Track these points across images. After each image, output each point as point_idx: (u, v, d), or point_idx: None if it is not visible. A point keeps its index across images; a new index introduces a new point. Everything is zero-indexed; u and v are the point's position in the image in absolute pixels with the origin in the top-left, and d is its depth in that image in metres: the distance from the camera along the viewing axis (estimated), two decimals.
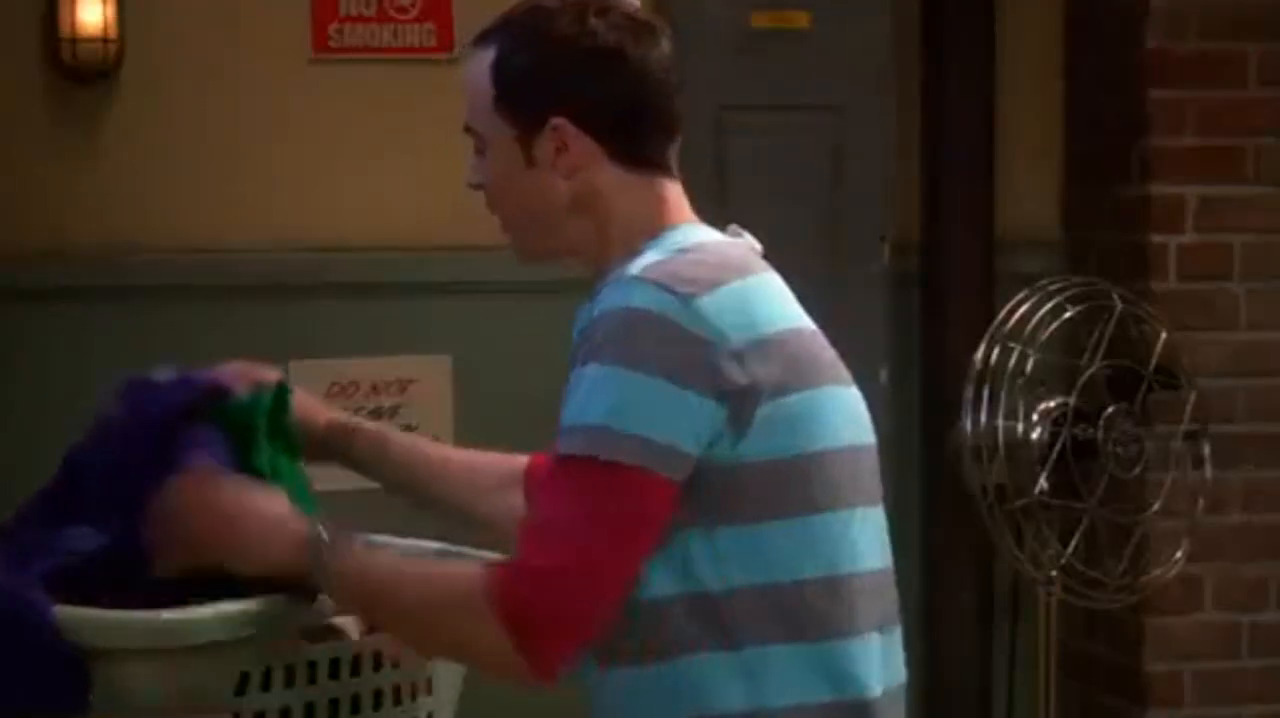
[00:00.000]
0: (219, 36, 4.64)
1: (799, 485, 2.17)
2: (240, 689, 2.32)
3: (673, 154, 2.30)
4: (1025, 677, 4.60)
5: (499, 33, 2.26)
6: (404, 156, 4.71)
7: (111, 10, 4.51)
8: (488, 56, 2.25)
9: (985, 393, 4.21)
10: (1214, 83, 4.80)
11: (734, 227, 2.34)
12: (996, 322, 4.26)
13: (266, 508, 2.23)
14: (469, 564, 2.20)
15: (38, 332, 4.55)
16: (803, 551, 2.17)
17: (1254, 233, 4.84)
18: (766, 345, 2.15)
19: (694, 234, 2.26)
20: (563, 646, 2.11)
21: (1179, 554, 4.43)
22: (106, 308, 4.57)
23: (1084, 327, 4.31)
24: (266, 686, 2.34)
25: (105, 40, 4.52)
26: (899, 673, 2.28)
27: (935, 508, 4.90)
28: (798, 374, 2.17)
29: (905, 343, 4.93)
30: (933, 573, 4.93)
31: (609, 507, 2.09)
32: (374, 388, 4.69)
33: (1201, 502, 4.45)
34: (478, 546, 2.52)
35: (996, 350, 4.22)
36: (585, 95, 2.22)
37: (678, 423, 2.09)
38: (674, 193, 2.30)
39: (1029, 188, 5.06)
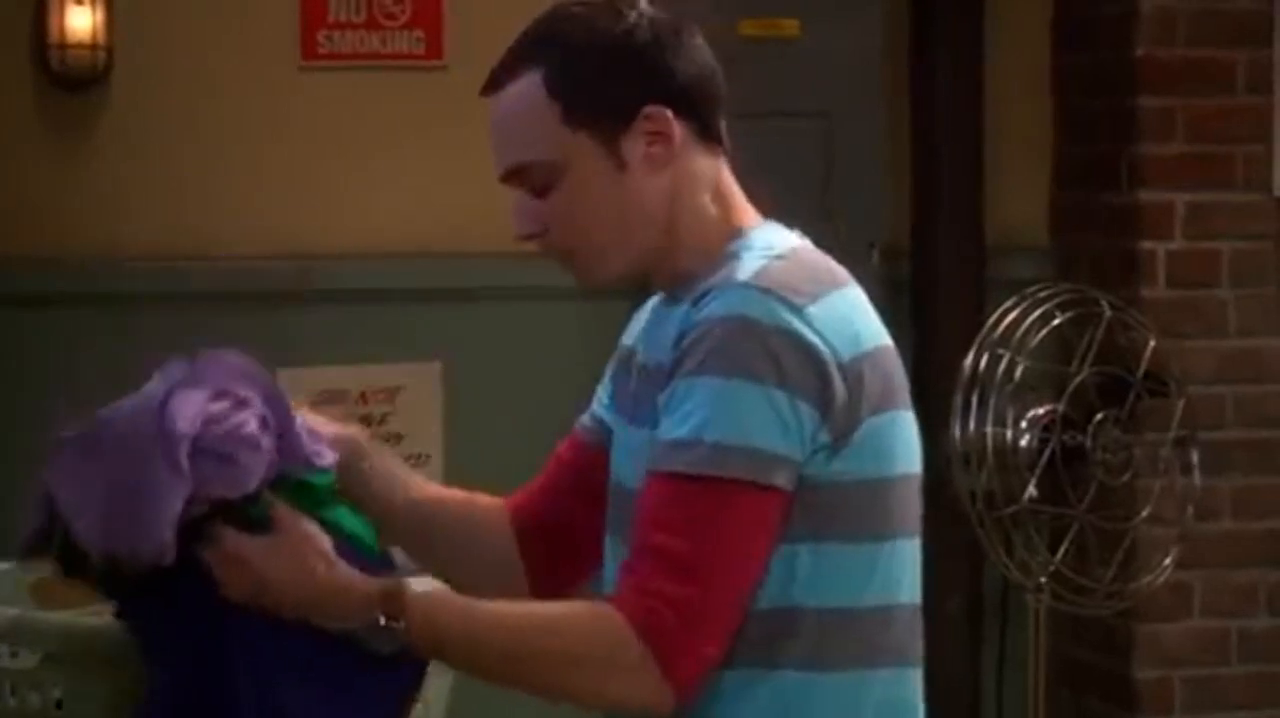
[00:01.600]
0: (208, 43, 4.64)
1: (880, 509, 2.14)
2: None
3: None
4: (1015, 683, 4.61)
5: (533, 54, 2.18)
6: (393, 163, 4.71)
7: (101, 17, 4.51)
8: (531, 81, 2.16)
9: (974, 399, 4.22)
10: (1203, 89, 4.80)
11: (797, 231, 2.28)
12: (986, 328, 4.27)
13: (346, 582, 2.13)
14: (581, 604, 2.12)
15: (26, 338, 4.54)
16: (871, 576, 2.15)
17: (1243, 239, 4.84)
18: (866, 360, 2.11)
19: (778, 236, 2.19)
20: (704, 667, 2.07)
21: (1168, 561, 4.44)
22: (95, 314, 4.57)
23: (1073, 333, 4.31)
24: None
25: (94, 47, 4.52)
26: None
27: (924, 514, 4.89)
28: (887, 394, 2.14)
29: (895, 348, 4.92)
30: (922, 579, 4.93)
31: (733, 525, 2.04)
32: (363, 395, 4.69)
33: (1190, 508, 4.46)
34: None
35: (986, 357, 4.23)
36: (663, 77, 2.16)
37: (791, 434, 2.05)
38: (734, 182, 2.24)
39: (1018, 194, 5.07)
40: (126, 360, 4.80)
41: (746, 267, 2.12)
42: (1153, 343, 4.37)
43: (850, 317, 2.12)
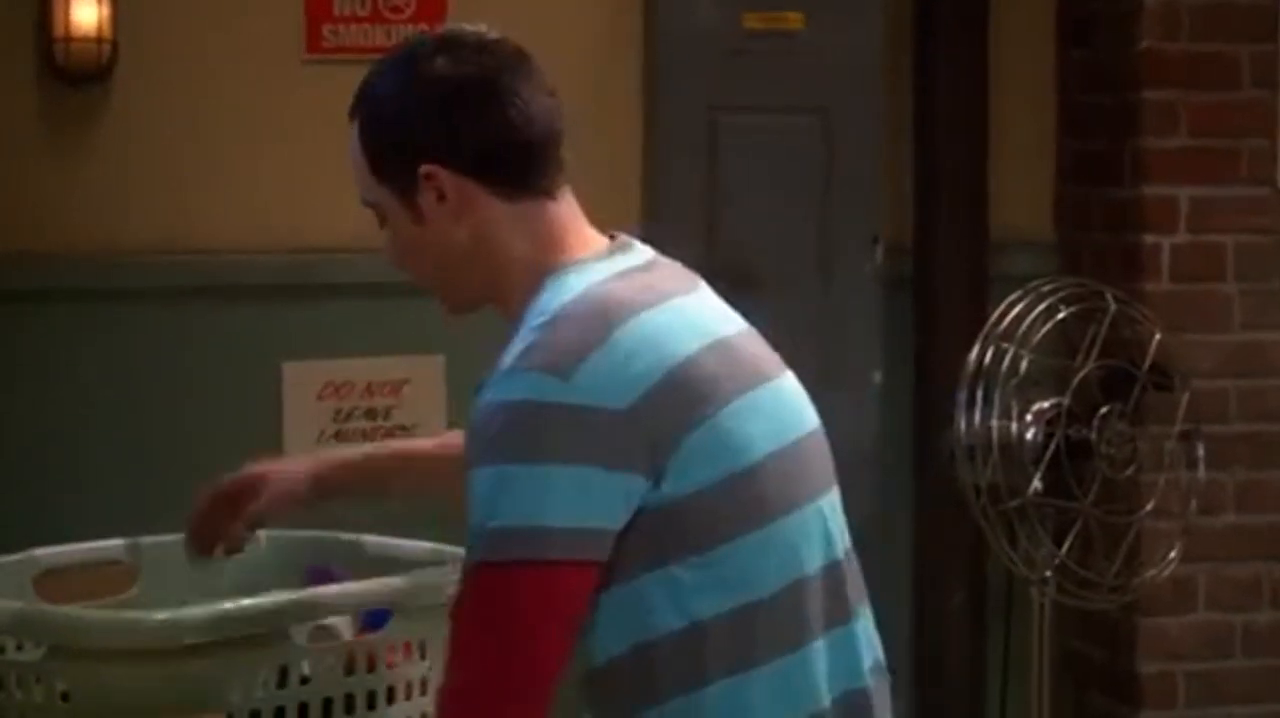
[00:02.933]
0: (212, 36, 4.64)
1: (752, 498, 2.12)
2: (235, 689, 2.32)
3: (556, 172, 2.24)
4: (1018, 677, 4.60)
5: (358, 102, 2.28)
6: None
7: (106, 11, 4.51)
8: (354, 129, 2.28)
9: (979, 394, 4.21)
10: (1207, 84, 4.80)
11: (622, 237, 2.28)
12: (990, 323, 4.27)
13: None
14: None
15: (30, 333, 4.54)
16: (762, 565, 2.13)
17: (1247, 234, 4.84)
18: (659, 390, 2.09)
19: (578, 281, 2.18)
20: None
21: (1172, 555, 4.44)
22: (100, 309, 4.57)
23: (1077, 327, 4.31)
24: (261, 686, 2.34)
25: (99, 41, 4.52)
26: (855, 675, 2.22)
27: (928, 509, 4.90)
28: (706, 398, 2.11)
29: (898, 344, 4.93)
30: (926, 574, 4.93)
31: (513, 609, 2.05)
32: (368, 388, 4.69)
33: (1194, 502, 4.46)
34: None
35: (990, 351, 4.22)
36: (444, 137, 2.20)
37: (581, 503, 2.05)
38: (562, 218, 2.24)
39: (1022, 189, 5.06)
40: (130, 356, 4.83)
41: (515, 347, 2.14)
42: (1157, 337, 4.37)
43: (632, 354, 2.10)
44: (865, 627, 2.25)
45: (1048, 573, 4.29)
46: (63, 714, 2.31)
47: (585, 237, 2.25)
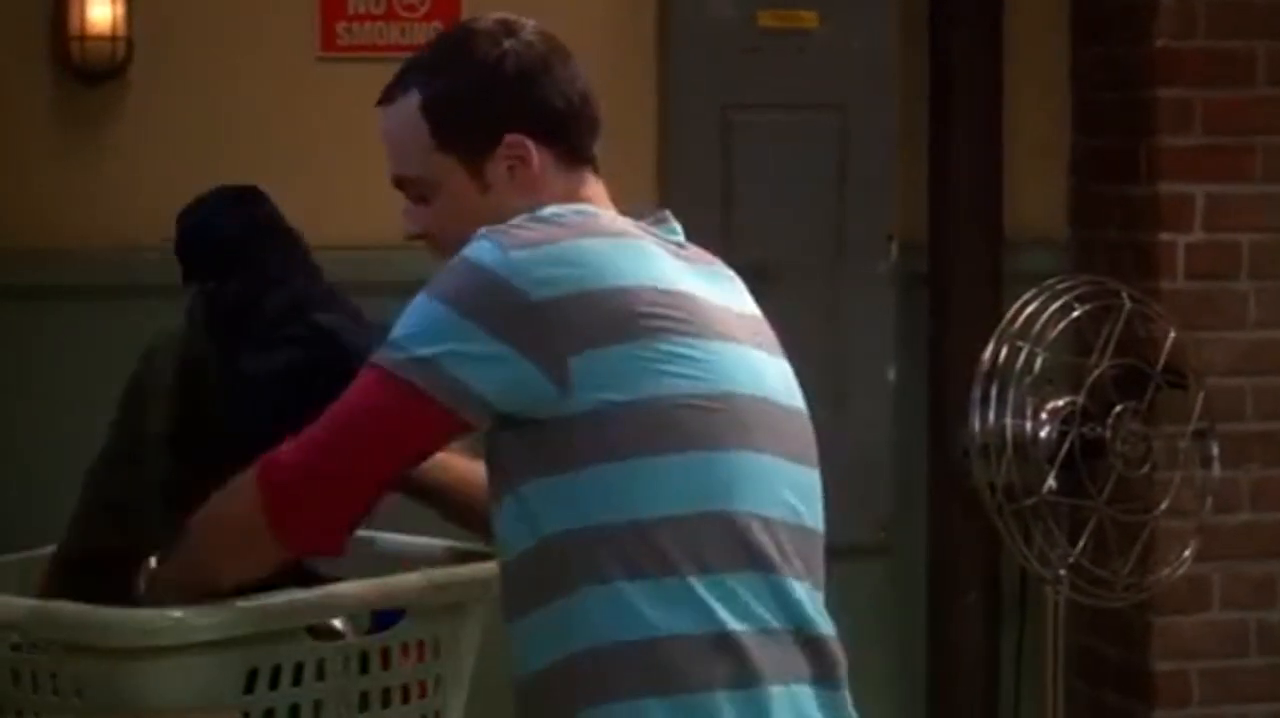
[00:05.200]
0: (227, 34, 4.64)
1: (647, 425, 2.20)
2: (248, 687, 2.33)
3: (597, 150, 2.40)
4: (1033, 676, 4.60)
5: (412, 77, 2.37)
6: None
7: (121, 9, 4.51)
8: (409, 102, 2.36)
9: (993, 392, 4.21)
10: (1222, 82, 4.79)
11: (665, 212, 2.43)
12: (1005, 321, 4.27)
13: None
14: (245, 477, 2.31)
15: (44, 329, 4.55)
16: (667, 487, 2.21)
17: (1262, 232, 4.83)
18: (582, 301, 2.20)
19: (575, 207, 2.32)
20: (307, 524, 2.25)
21: (1187, 553, 4.43)
22: (114, 306, 4.57)
23: (1092, 326, 4.31)
24: (274, 684, 2.35)
25: (114, 39, 4.52)
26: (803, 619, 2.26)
27: (942, 507, 4.90)
28: (622, 327, 2.21)
29: (912, 342, 4.93)
30: (940, 572, 4.93)
31: (372, 412, 2.23)
32: None
33: (1209, 501, 4.45)
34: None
35: (1005, 349, 4.22)
36: (528, 106, 2.33)
37: (468, 360, 2.20)
38: (600, 193, 2.39)
39: (1036, 187, 5.06)
40: None
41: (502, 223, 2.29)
42: (1172, 335, 4.36)
43: (575, 260, 2.23)
44: (814, 594, 2.28)
45: (1062, 571, 4.29)
46: (76, 712, 2.31)
47: (603, 201, 2.39)
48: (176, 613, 2.28)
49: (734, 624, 2.19)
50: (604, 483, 2.20)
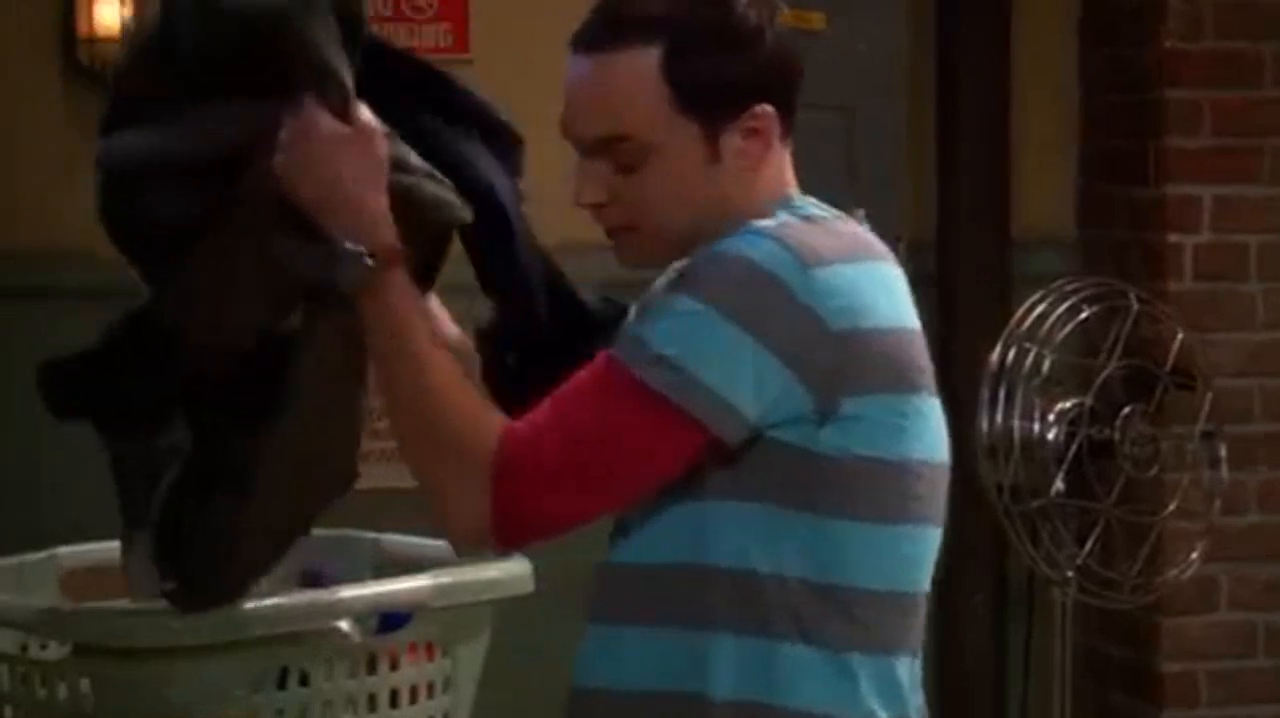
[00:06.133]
0: None
1: (894, 492, 2.12)
2: (257, 688, 2.33)
3: None
4: (1040, 677, 4.60)
5: (649, 29, 2.11)
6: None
7: (129, 10, 4.52)
8: (646, 57, 2.10)
9: (1001, 393, 4.22)
10: (1230, 82, 4.79)
11: (860, 211, 2.31)
12: (1012, 322, 4.27)
13: (376, 204, 2.13)
14: (495, 414, 2.10)
15: (54, 332, 4.55)
16: (881, 559, 2.12)
17: (1270, 233, 4.83)
18: (870, 336, 2.08)
19: (819, 208, 2.20)
20: (535, 519, 2.06)
21: (1194, 554, 4.43)
22: (121, 307, 4.57)
23: (1100, 327, 4.31)
24: (283, 685, 2.35)
25: (123, 41, 4.53)
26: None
27: (950, 508, 4.89)
28: (899, 376, 2.11)
29: None
30: (947, 573, 4.89)
31: (637, 431, 2.04)
32: None
33: (1217, 502, 4.45)
34: None
35: (1012, 351, 4.23)
36: (771, 72, 2.15)
37: (748, 384, 2.03)
38: (789, 161, 2.23)
39: (1044, 188, 5.06)
40: None
41: (773, 219, 2.11)
42: (1180, 336, 4.36)
43: (866, 290, 2.10)
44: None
45: (1070, 573, 4.29)
46: (87, 713, 2.32)
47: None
48: (187, 615, 2.29)
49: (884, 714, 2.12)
50: (837, 539, 2.08)
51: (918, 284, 5.35)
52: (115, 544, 2.74)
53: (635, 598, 2.12)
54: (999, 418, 4.21)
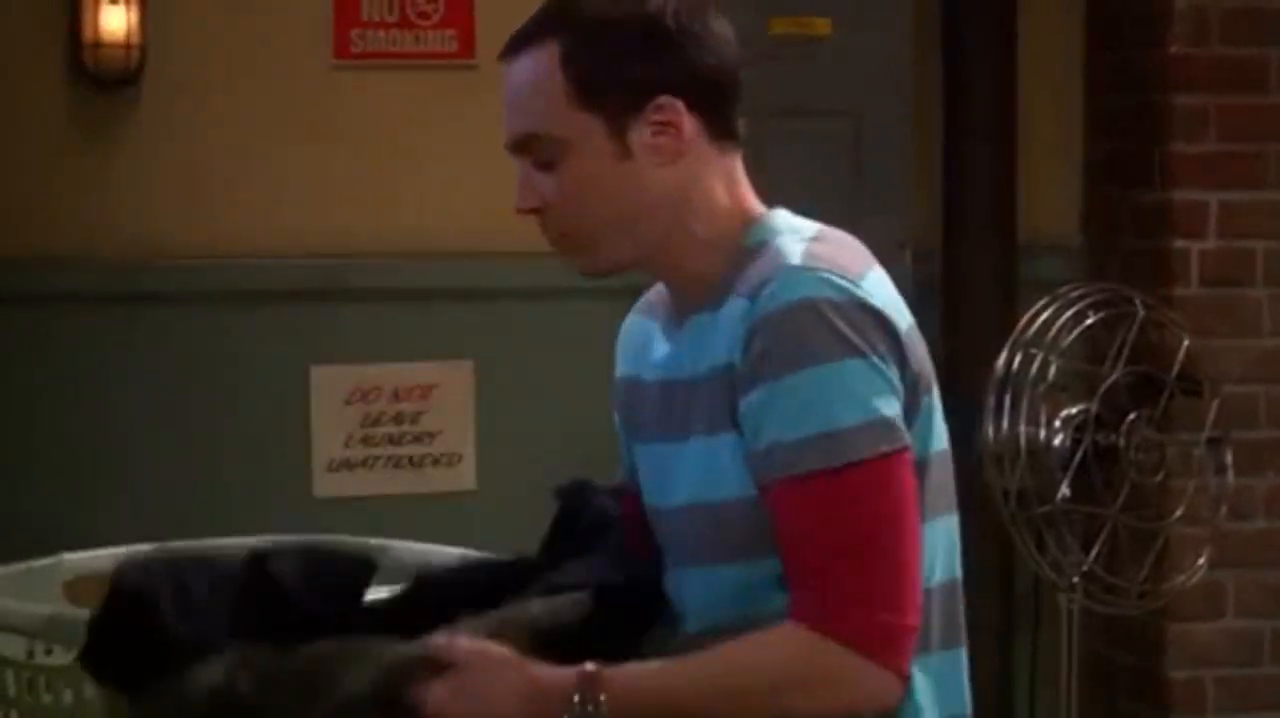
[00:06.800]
0: (241, 42, 4.65)
1: (930, 487, 2.13)
2: None
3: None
4: (1047, 683, 4.60)
5: (552, 25, 2.12)
6: (426, 162, 4.72)
7: (135, 16, 4.52)
8: (547, 53, 2.10)
9: (1007, 399, 4.21)
10: (1236, 88, 4.79)
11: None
12: (1018, 328, 4.26)
13: (544, 683, 2.07)
14: (761, 635, 2.06)
15: (59, 337, 4.55)
16: (946, 551, 2.15)
17: (1276, 239, 4.82)
18: (911, 335, 2.10)
19: (797, 219, 2.17)
20: (908, 637, 2.06)
21: (1201, 561, 4.43)
22: (129, 314, 4.58)
23: (1105, 333, 4.30)
24: None
25: (128, 46, 4.53)
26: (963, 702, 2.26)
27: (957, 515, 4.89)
28: (929, 368, 2.13)
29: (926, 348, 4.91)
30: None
31: (885, 499, 2.03)
32: (396, 393, 4.69)
33: (1224, 508, 4.44)
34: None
35: (1018, 357, 4.22)
36: (680, 68, 2.11)
37: (894, 395, 2.05)
38: (743, 172, 2.20)
39: (1050, 193, 5.05)
40: (158, 360, 4.84)
41: (789, 250, 2.08)
42: (1186, 342, 4.36)
43: (889, 292, 2.11)
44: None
45: (1076, 579, 4.28)
46: None
47: (756, 199, 2.21)
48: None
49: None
50: (933, 539, 2.11)
51: (924, 289, 5.38)
52: (119, 550, 2.74)
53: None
54: (1005, 424, 4.20)
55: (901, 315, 2.10)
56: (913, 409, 2.08)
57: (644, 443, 2.23)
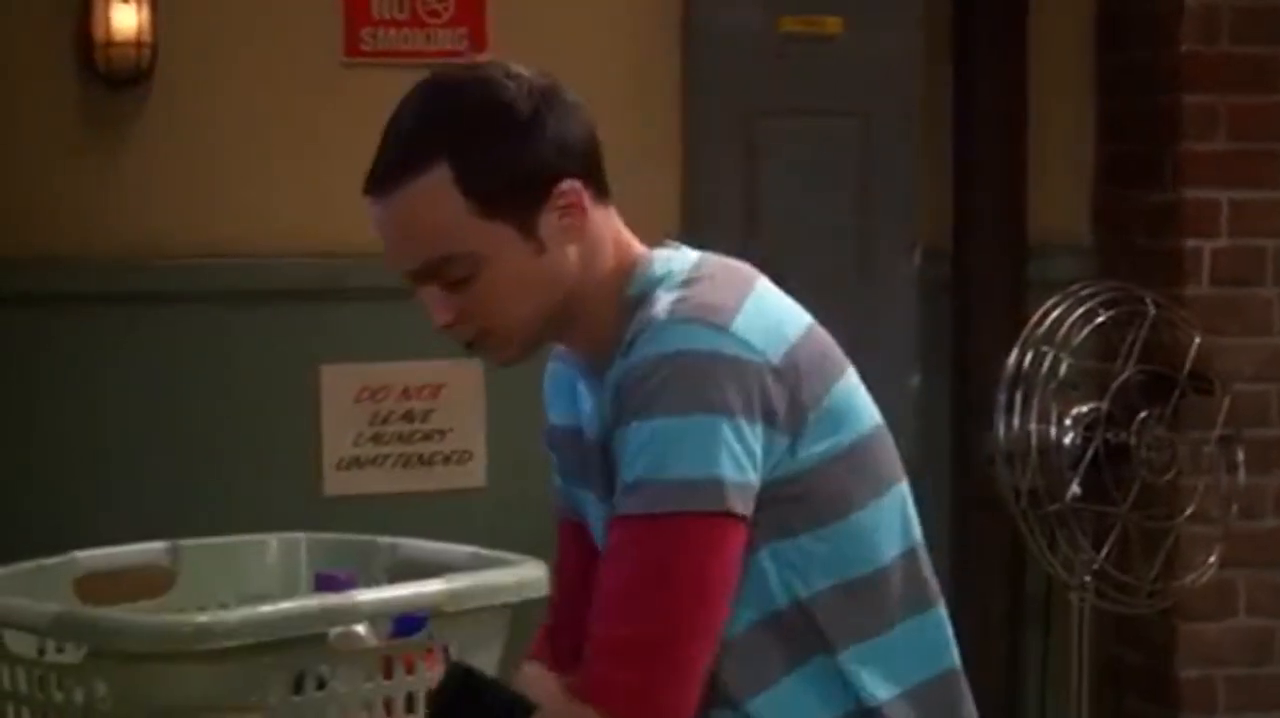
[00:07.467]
0: (252, 41, 4.65)
1: (869, 467, 2.16)
2: (274, 692, 2.33)
3: None
4: (1057, 682, 4.60)
5: (428, 153, 2.13)
6: None
7: (145, 15, 4.53)
8: (435, 180, 2.11)
9: (1018, 398, 4.21)
10: (1246, 87, 4.79)
11: (671, 243, 2.25)
12: (1029, 326, 4.26)
13: None
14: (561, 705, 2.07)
15: (69, 335, 4.56)
16: (880, 535, 2.17)
17: None
18: (799, 351, 2.12)
19: (673, 261, 2.18)
20: (685, 710, 2.04)
21: (1212, 559, 4.43)
22: (139, 313, 4.58)
23: (1116, 331, 4.30)
24: (298, 688, 2.35)
25: (139, 45, 4.53)
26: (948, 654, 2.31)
27: (967, 512, 4.89)
28: (827, 370, 2.15)
29: (937, 348, 4.92)
30: (964, 578, 4.92)
31: (692, 561, 2.03)
32: (405, 392, 4.70)
33: (1234, 507, 4.45)
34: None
35: (1029, 355, 4.22)
36: (558, 147, 2.12)
37: (745, 457, 2.04)
38: (619, 220, 2.21)
39: (1060, 192, 5.05)
40: (168, 359, 4.84)
41: (659, 303, 2.10)
42: (1197, 341, 4.36)
43: (771, 313, 2.13)
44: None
45: (1086, 577, 4.28)
46: (102, 717, 2.32)
47: (633, 239, 2.23)
48: (201, 618, 2.29)
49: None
50: (850, 534, 2.13)
51: (934, 289, 5.38)
52: (130, 548, 2.74)
53: (737, 672, 2.13)
54: (1016, 422, 4.20)
55: (784, 333, 2.11)
56: (798, 433, 2.08)
57: (578, 490, 2.28)
